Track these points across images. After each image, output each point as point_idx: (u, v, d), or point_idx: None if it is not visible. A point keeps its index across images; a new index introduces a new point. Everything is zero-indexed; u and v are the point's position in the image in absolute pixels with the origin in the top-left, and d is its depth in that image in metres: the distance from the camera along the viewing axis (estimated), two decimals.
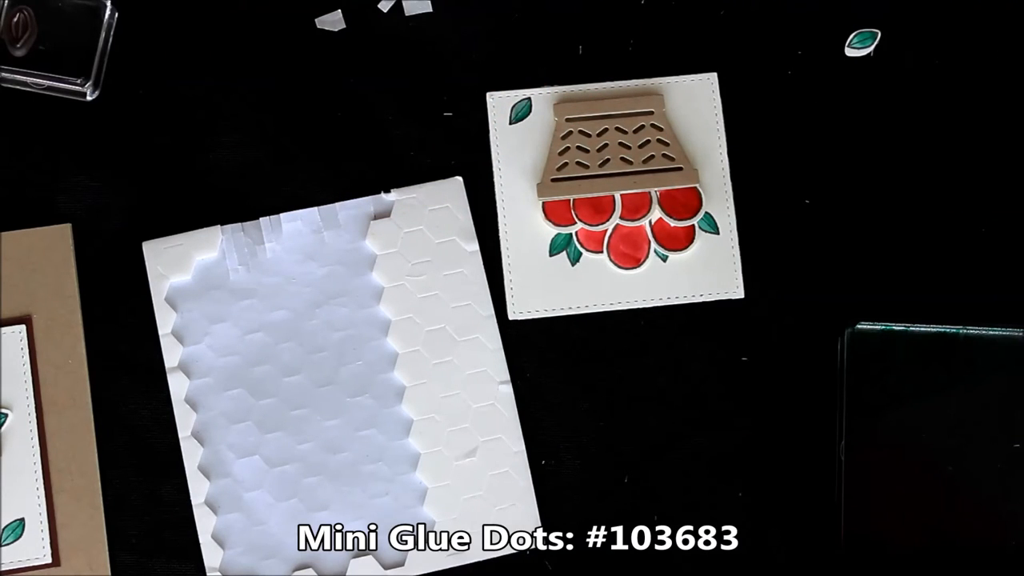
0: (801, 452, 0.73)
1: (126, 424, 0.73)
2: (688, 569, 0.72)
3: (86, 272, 0.74)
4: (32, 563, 0.71)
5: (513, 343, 0.74)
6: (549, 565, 0.72)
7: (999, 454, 0.70)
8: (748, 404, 0.73)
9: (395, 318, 0.74)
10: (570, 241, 0.75)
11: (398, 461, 0.73)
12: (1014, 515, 0.70)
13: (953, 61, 0.76)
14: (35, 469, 0.72)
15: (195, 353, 0.73)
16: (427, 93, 0.76)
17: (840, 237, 0.75)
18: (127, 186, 0.75)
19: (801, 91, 0.76)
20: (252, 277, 0.74)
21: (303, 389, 0.73)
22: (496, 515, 0.72)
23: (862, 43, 0.76)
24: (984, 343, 0.71)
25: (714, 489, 0.73)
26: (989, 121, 0.76)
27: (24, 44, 0.75)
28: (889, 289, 0.74)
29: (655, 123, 0.75)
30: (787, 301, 0.74)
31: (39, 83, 0.75)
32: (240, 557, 0.72)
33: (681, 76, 0.76)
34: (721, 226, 0.75)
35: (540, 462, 0.73)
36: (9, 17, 0.75)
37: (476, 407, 0.73)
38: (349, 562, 0.72)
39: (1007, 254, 0.75)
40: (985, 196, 0.75)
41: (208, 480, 0.72)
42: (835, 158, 0.75)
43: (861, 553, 0.70)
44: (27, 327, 0.73)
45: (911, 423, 0.71)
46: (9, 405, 0.72)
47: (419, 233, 0.75)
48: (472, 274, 0.74)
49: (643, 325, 0.74)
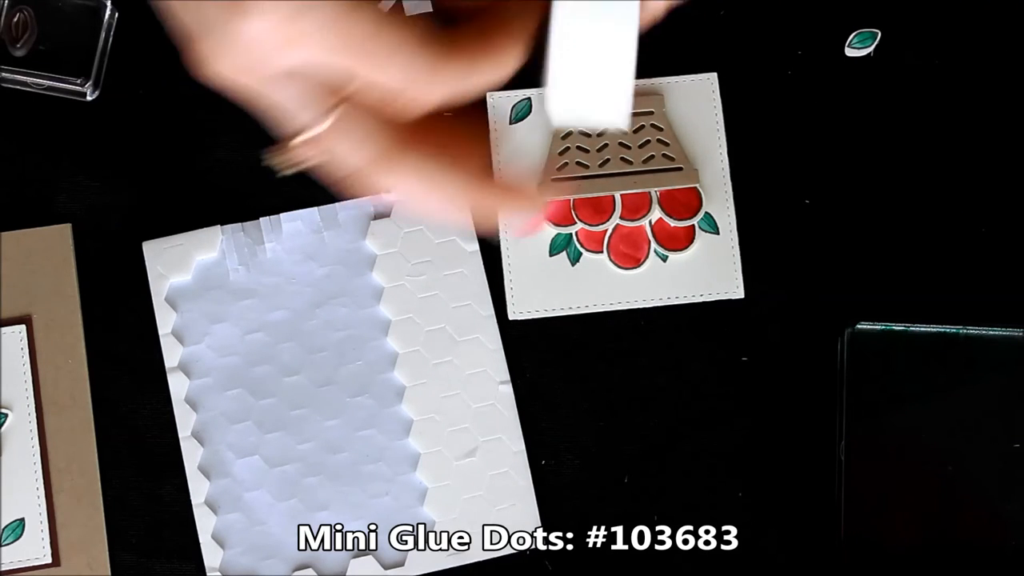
0: (801, 452, 0.73)
1: (126, 424, 0.73)
2: (688, 569, 0.72)
3: (86, 272, 0.74)
4: (32, 563, 0.71)
5: (513, 343, 0.74)
6: (549, 565, 0.72)
7: (999, 454, 0.70)
8: (748, 404, 0.73)
9: (395, 318, 0.74)
10: (570, 241, 0.75)
11: (398, 461, 0.73)
12: (1014, 515, 0.70)
13: (953, 61, 0.76)
14: (35, 469, 0.72)
15: (195, 353, 0.73)
16: None
17: (840, 237, 0.75)
18: (127, 186, 0.75)
19: (801, 91, 0.76)
20: (252, 277, 0.74)
21: (303, 389, 0.73)
22: (496, 515, 0.72)
23: (862, 43, 0.76)
24: (984, 343, 0.71)
25: (714, 489, 0.73)
26: (989, 121, 0.76)
27: (24, 44, 0.75)
28: (889, 289, 0.74)
29: (655, 123, 0.75)
30: (787, 301, 0.74)
31: (39, 83, 0.75)
32: (240, 557, 0.72)
33: (681, 76, 0.76)
34: (721, 226, 0.75)
35: (540, 462, 0.73)
36: (9, 17, 0.75)
37: (476, 407, 0.73)
38: (349, 562, 0.72)
39: (1007, 254, 0.75)
40: (985, 196, 0.75)
41: (208, 480, 0.72)
42: (835, 158, 0.75)
43: (861, 553, 0.70)
44: (27, 327, 0.73)
45: (911, 423, 0.71)
46: (9, 405, 0.72)
47: (419, 233, 0.75)
48: (472, 274, 0.74)
49: (643, 325, 0.74)
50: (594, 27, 0.49)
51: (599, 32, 0.49)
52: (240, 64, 0.46)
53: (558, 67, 0.50)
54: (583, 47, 0.49)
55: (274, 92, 0.47)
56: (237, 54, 0.45)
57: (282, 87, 0.47)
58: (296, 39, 0.45)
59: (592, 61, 0.50)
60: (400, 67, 0.46)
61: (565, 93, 0.51)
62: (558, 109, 0.52)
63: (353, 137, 0.47)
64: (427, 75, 0.46)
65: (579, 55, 0.50)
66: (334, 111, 0.47)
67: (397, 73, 0.46)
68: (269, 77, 0.46)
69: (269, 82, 0.47)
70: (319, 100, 0.47)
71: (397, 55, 0.46)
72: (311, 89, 0.47)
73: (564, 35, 0.49)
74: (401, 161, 0.48)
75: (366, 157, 0.48)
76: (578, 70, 0.50)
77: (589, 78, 0.50)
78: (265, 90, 0.47)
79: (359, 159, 0.48)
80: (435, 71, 0.47)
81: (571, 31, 0.49)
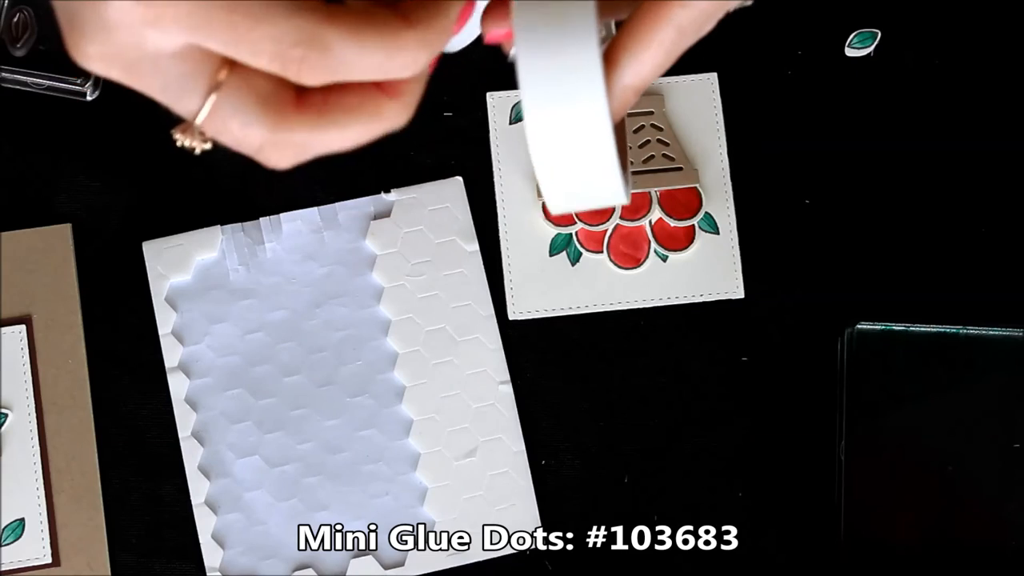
0: (801, 452, 0.73)
1: (126, 424, 0.73)
2: (688, 569, 0.72)
3: (86, 272, 0.74)
4: (32, 563, 0.71)
5: (513, 343, 0.74)
6: (549, 565, 0.72)
7: (999, 454, 0.70)
8: (748, 404, 0.73)
9: (395, 318, 0.74)
10: (570, 241, 0.75)
11: (398, 461, 0.73)
12: (1014, 515, 0.70)
13: (953, 61, 0.76)
14: (35, 469, 0.72)
15: (195, 353, 0.73)
16: (427, 93, 0.76)
17: (840, 237, 0.75)
18: (127, 186, 0.75)
19: (801, 91, 0.76)
20: (252, 277, 0.74)
21: (303, 389, 0.73)
22: (496, 515, 0.72)
23: (862, 43, 0.76)
24: (984, 343, 0.71)
25: (714, 489, 0.73)
26: (989, 121, 0.76)
27: (24, 44, 0.75)
28: (889, 289, 0.74)
29: (655, 123, 0.75)
30: (787, 301, 0.74)
31: (39, 83, 0.75)
32: (240, 557, 0.72)
33: (681, 76, 0.76)
34: (721, 226, 0.75)
35: (540, 462, 0.73)
36: (9, 17, 0.75)
37: (476, 407, 0.73)
38: (349, 562, 0.72)
39: (1007, 254, 0.75)
40: (985, 196, 0.75)
41: (208, 480, 0.72)
42: (835, 158, 0.75)
43: (861, 553, 0.70)
44: (27, 327, 0.73)
45: (911, 423, 0.71)
46: (9, 405, 0.72)
47: (419, 233, 0.74)
48: (472, 274, 0.74)
49: (643, 325, 0.74)
50: (562, 114, 0.48)
51: (569, 119, 0.48)
52: (109, 49, 0.45)
53: (538, 160, 0.49)
54: (556, 136, 0.48)
55: (150, 77, 0.46)
56: (105, 39, 0.44)
57: (158, 71, 0.45)
58: (159, 18, 0.44)
59: (569, 149, 0.48)
60: (272, 39, 0.44)
61: (553, 184, 0.50)
62: (553, 201, 0.51)
63: (244, 114, 0.46)
64: (306, 47, 0.44)
65: (554, 145, 0.48)
66: (216, 90, 0.46)
67: (270, 46, 0.44)
68: (142, 61, 0.45)
69: (143, 67, 0.45)
70: (198, 81, 0.46)
71: (266, 26, 0.44)
72: (188, 71, 0.45)
73: (535, 126, 0.48)
74: (302, 126, 0.46)
75: (263, 132, 0.46)
76: (558, 160, 0.49)
77: (571, 166, 0.49)
78: (141, 75, 0.46)
79: (257, 135, 0.46)
80: (315, 43, 0.44)
81: (540, 122, 0.48)
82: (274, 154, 0.47)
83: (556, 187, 0.50)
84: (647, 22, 0.48)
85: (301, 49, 0.44)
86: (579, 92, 0.47)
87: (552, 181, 0.49)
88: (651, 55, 0.48)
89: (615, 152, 0.48)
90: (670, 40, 0.48)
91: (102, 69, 0.46)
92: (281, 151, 0.47)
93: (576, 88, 0.47)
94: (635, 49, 0.48)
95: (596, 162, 0.48)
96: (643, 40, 0.48)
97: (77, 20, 0.45)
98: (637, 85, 0.49)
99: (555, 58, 0.47)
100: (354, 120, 0.47)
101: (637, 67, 0.48)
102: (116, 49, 0.45)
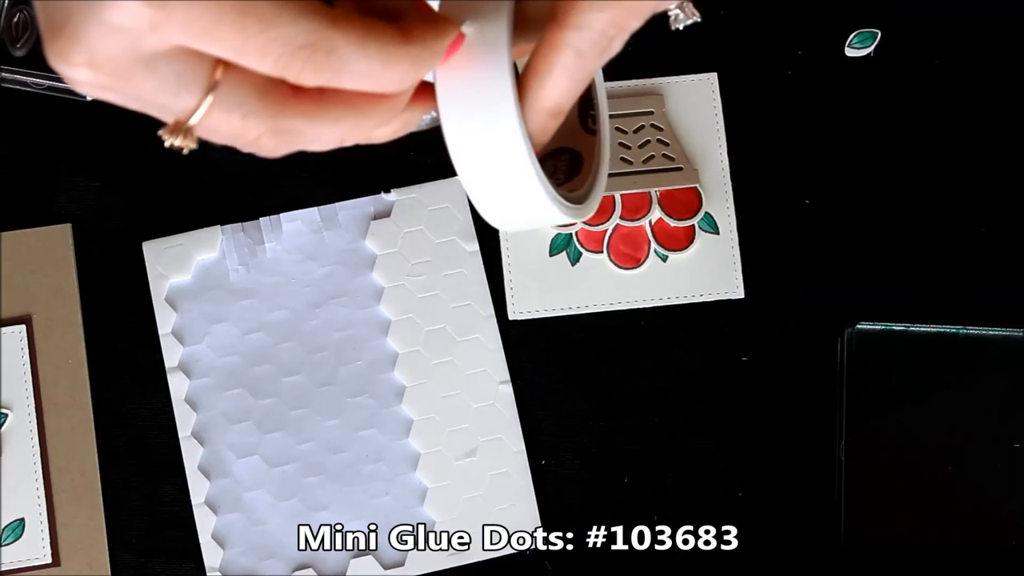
0: (801, 452, 0.73)
1: (126, 424, 0.73)
2: (688, 569, 0.72)
3: (86, 272, 0.74)
4: (32, 563, 0.71)
5: (513, 343, 0.74)
6: (549, 565, 0.72)
7: (999, 454, 0.70)
8: (748, 404, 0.73)
9: (395, 318, 0.74)
10: (570, 241, 0.75)
11: (398, 461, 0.73)
12: (1014, 515, 0.70)
13: (953, 61, 0.76)
14: (35, 469, 0.72)
15: (195, 353, 0.73)
16: None
17: (840, 237, 0.75)
18: (127, 186, 0.75)
19: (801, 91, 0.76)
20: (252, 277, 0.74)
21: (303, 389, 0.73)
22: (496, 515, 0.72)
23: (862, 43, 0.76)
24: (984, 343, 0.71)
25: (714, 489, 0.73)
26: (989, 121, 0.76)
27: (24, 44, 0.75)
28: (889, 289, 0.74)
29: (655, 123, 0.75)
30: (787, 301, 0.74)
31: (39, 83, 0.75)
32: (240, 557, 0.72)
33: (681, 76, 0.76)
34: (721, 226, 0.75)
35: (540, 462, 0.73)
36: (9, 17, 0.75)
37: (476, 407, 0.73)
38: (349, 562, 0.72)
39: (1007, 254, 0.75)
40: (985, 196, 0.75)
41: (208, 480, 0.72)
42: (835, 158, 0.75)
43: (861, 553, 0.70)
44: (27, 327, 0.73)
45: (911, 423, 0.71)
46: (9, 405, 0.72)
47: (419, 233, 0.75)
48: (472, 274, 0.74)
49: (643, 325, 0.74)
50: (480, 136, 0.48)
51: (486, 140, 0.48)
52: (101, 55, 0.43)
53: (466, 184, 0.49)
54: (478, 158, 0.48)
55: (142, 80, 0.44)
56: (100, 44, 0.42)
57: (151, 73, 0.44)
58: (168, 20, 0.42)
59: (492, 171, 0.48)
60: (281, 41, 0.43)
61: (486, 207, 0.50)
62: (493, 221, 0.51)
63: (245, 106, 0.45)
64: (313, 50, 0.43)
65: (477, 167, 0.48)
66: (214, 88, 0.44)
67: (278, 48, 0.43)
68: (135, 64, 0.43)
69: (135, 71, 0.43)
70: (194, 78, 0.44)
71: (276, 29, 0.43)
72: (182, 69, 0.44)
73: (456, 150, 0.48)
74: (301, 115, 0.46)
75: (263, 122, 0.46)
76: (483, 183, 0.49)
77: (497, 188, 0.49)
78: (132, 80, 0.44)
79: (257, 125, 0.46)
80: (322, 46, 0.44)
81: (460, 145, 0.48)
82: (270, 142, 0.46)
83: (489, 209, 0.50)
84: (547, 47, 0.49)
85: (308, 51, 0.44)
86: (493, 113, 0.48)
87: (483, 204, 0.50)
88: (555, 79, 0.48)
89: (536, 174, 0.48)
90: (572, 63, 0.48)
91: (87, 77, 0.44)
92: (278, 138, 0.46)
93: (489, 108, 0.48)
94: (540, 72, 0.49)
95: (519, 184, 0.49)
96: (546, 64, 0.49)
97: (69, 24, 0.43)
98: (550, 108, 0.49)
99: (469, 80, 0.48)
100: (347, 113, 0.47)
101: (545, 91, 0.49)
102: (109, 54, 0.43)
